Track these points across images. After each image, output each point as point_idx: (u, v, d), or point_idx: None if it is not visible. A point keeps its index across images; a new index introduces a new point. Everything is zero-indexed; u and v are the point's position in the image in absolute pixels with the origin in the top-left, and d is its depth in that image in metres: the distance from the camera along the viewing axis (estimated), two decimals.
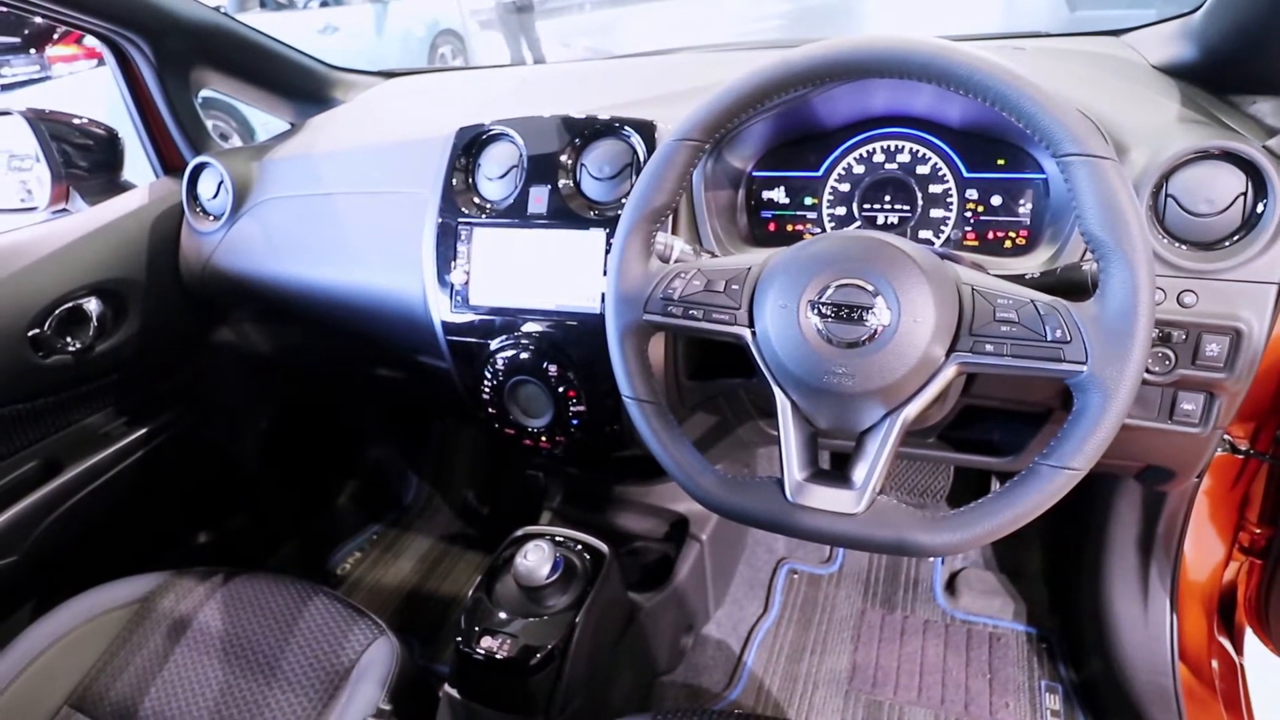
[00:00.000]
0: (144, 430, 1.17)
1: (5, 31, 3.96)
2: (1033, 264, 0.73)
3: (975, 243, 0.81)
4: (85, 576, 0.98)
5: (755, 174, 0.87)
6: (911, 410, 0.57)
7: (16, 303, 1.00)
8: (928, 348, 0.55)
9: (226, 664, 0.89)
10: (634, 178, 0.85)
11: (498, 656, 0.83)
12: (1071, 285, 0.63)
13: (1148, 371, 0.69)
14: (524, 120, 0.90)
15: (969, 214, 0.81)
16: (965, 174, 0.80)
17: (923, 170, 0.81)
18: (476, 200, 0.92)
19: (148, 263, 1.14)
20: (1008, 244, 0.80)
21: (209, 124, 1.20)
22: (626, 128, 0.84)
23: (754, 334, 0.60)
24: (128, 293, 1.11)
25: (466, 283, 0.90)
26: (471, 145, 0.92)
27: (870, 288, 0.56)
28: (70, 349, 1.05)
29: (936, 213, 0.82)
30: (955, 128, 0.80)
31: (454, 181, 0.92)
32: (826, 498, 0.58)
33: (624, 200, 0.83)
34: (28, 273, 1.01)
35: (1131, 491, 1.06)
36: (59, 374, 1.04)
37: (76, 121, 1.15)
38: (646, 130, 0.84)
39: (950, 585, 1.31)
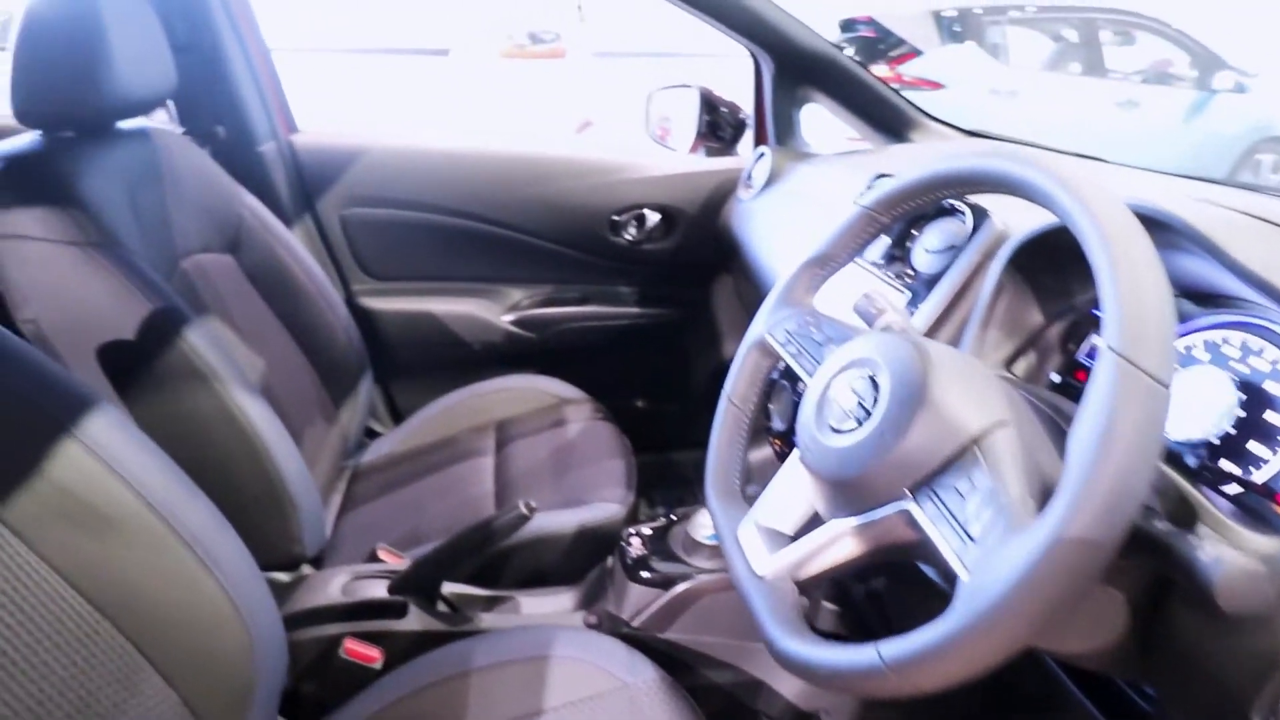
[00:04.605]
0: (641, 310, 1.65)
1: None
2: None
3: None
4: (548, 368, 1.52)
5: (1097, 312, 0.76)
6: (850, 538, 0.54)
7: (616, 195, 1.54)
8: (880, 473, 0.51)
9: (553, 456, 1.30)
10: (955, 258, 0.84)
11: (630, 553, 1.02)
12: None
13: None
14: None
15: None
16: None
17: (1274, 388, 0.60)
18: None
19: (702, 205, 1.56)
20: None
21: None
22: (963, 210, 0.84)
23: (809, 385, 0.63)
24: (679, 218, 1.57)
25: None
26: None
27: (881, 390, 0.54)
28: (627, 237, 1.56)
29: (1257, 448, 0.60)
30: None
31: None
32: (753, 546, 0.60)
33: (938, 274, 0.85)
34: (633, 181, 1.54)
35: None
36: (613, 249, 1.57)
37: (727, 104, 1.62)
38: (979, 215, 0.82)
39: None
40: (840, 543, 0.55)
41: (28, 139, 0.95)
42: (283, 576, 1.04)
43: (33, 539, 0.60)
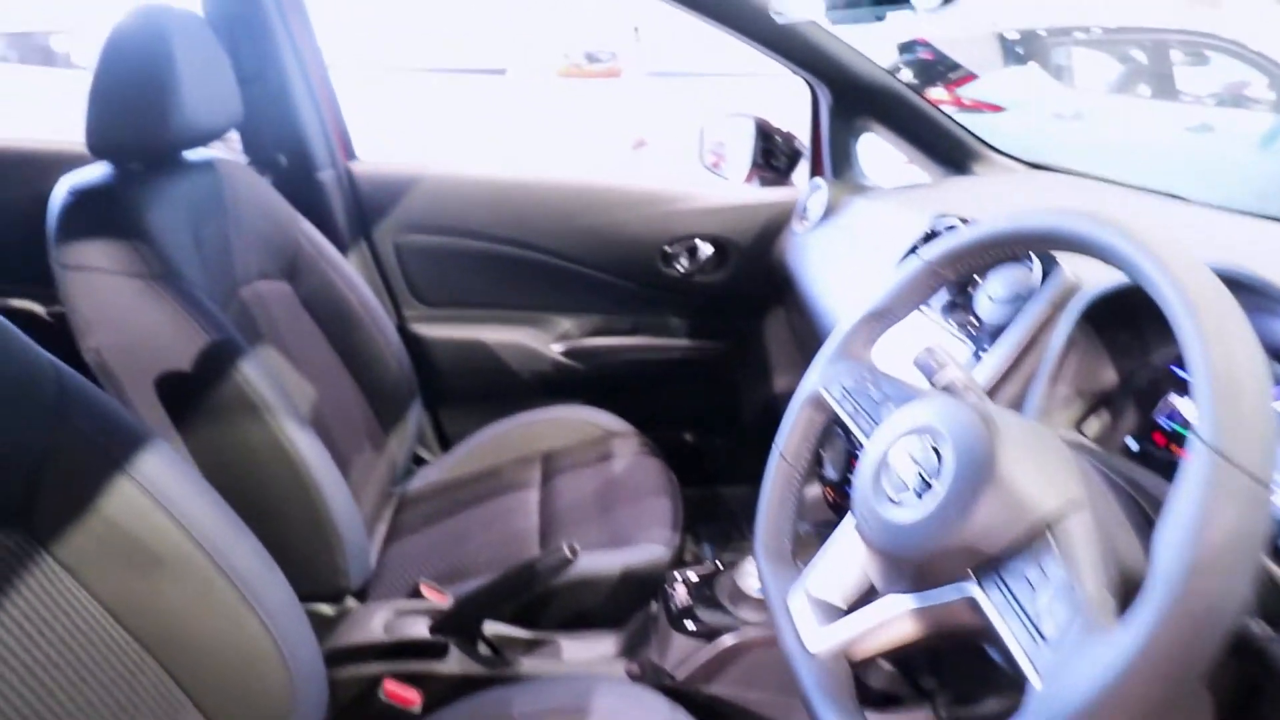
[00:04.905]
0: (692, 342, 1.63)
1: None
2: None
3: None
4: (596, 399, 1.50)
5: (1177, 370, 0.71)
6: (907, 618, 0.50)
7: (669, 226, 1.53)
8: (942, 552, 0.48)
9: (599, 491, 1.28)
10: (1022, 309, 0.80)
11: (674, 601, 0.99)
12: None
13: None
14: (974, 222, 0.92)
15: None
16: None
17: None
18: None
19: (755, 237, 1.54)
20: None
21: None
22: (1031, 257, 0.80)
23: (866, 448, 0.60)
24: (731, 250, 1.54)
25: None
26: (935, 233, 0.99)
27: (945, 463, 0.51)
28: (679, 268, 1.55)
29: None
30: None
31: (911, 250, 1.01)
32: (804, 618, 0.58)
33: (1003, 324, 0.81)
34: (686, 212, 1.52)
35: None
36: (665, 280, 1.56)
37: (783, 135, 1.59)
38: (1048, 263, 0.78)
39: None
40: (897, 622, 0.52)
41: (98, 171, 0.98)
42: (326, 609, 1.04)
43: (84, 576, 0.61)
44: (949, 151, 1.42)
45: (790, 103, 1.58)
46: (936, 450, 0.52)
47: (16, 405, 0.59)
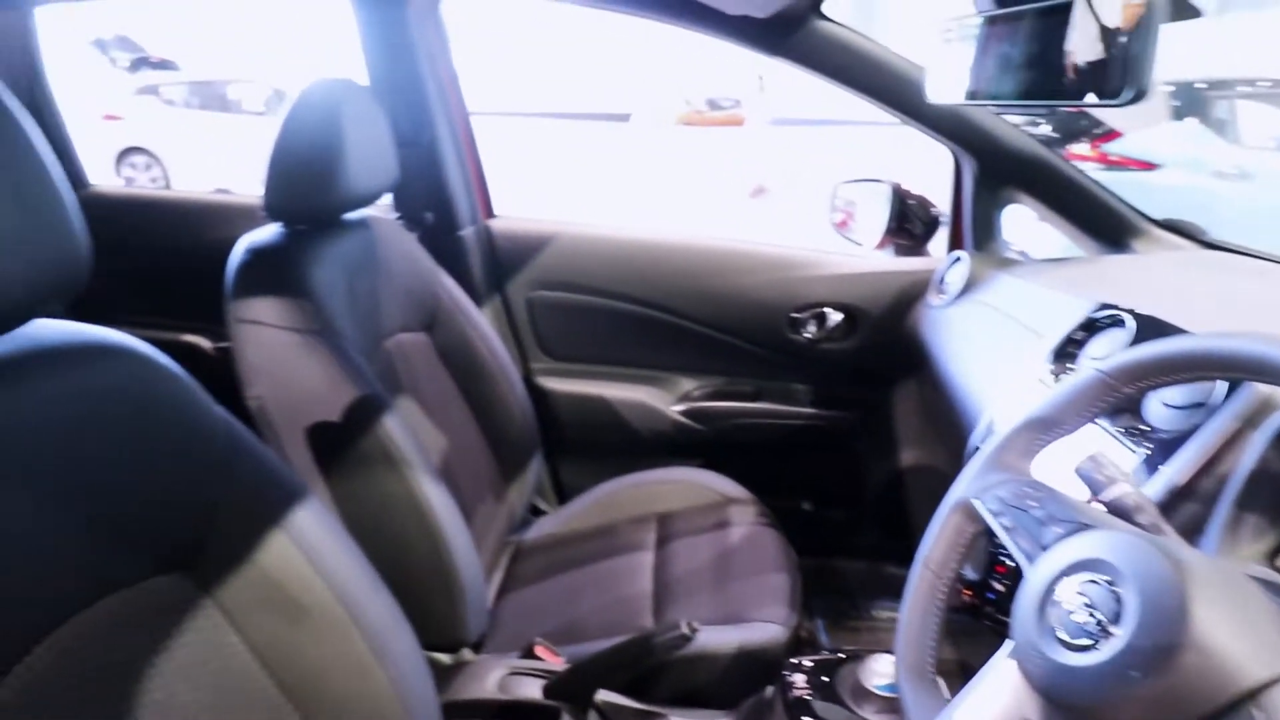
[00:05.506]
0: (816, 410, 1.59)
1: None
2: None
3: None
4: (714, 461, 1.49)
5: None
6: None
7: (798, 292, 1.51)
8: (1121, 712, 0.43)
9: (715, 560, 1.26)
10: (1204, 420, 0.73)
11: (792, 690, 0.95)
12: None
13: None
14: (1145, 317, 0.85)
15: None
16: None
17: None
18: (1069, 364, 0.93)
19: (887, 307, 1.49)
20: None
21: None
22: None
23: (1029, 575, 0.56)
24: (861, 319, 1.50)
25: None
26: (1095, 323, 0.92)
27: (1126, 609, 0.46)
28: (806, 336, 1.52)
29: None
30: None
31: (1067, 340, 0.95)
32: None
33: (1180, 435, 0.74)
34: (816, 278, 1.50)
35: None
36: (791, 346, 1.53)
37: (919, 200, 1.55)
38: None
39: None
40: None
41: (270, 231, 1.06)
42: (444, 658, 1.07)
43: (239, 622, 0.64)
44: (1106, 226, 1.34)
45: (916, 151, 1.54)
46: (1114, 592, 0.48)
47: (191, 458, 0.64)
